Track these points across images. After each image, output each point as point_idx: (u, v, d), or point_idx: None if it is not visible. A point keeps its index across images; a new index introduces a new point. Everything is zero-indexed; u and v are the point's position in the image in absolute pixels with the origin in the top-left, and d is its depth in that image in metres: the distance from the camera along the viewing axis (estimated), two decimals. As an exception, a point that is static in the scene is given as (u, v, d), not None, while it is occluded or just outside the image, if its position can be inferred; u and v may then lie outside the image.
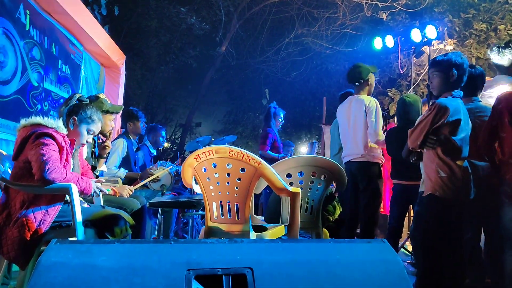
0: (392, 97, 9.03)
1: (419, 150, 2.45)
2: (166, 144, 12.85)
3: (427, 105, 3.91)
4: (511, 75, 2.81)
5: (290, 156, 5.18)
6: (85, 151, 2.93)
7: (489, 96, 2.89)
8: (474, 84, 2.62)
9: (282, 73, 12.01)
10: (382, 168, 3.60)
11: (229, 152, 2.18)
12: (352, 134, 3.55)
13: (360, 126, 3.49)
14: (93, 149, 3.20)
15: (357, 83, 3.61)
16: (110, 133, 3.17)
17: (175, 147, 13.39)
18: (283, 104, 8.60)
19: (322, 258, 1.60)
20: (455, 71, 2.38)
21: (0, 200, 2.10)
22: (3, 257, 2.03)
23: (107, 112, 3.02)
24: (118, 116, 6.15)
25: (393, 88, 9.37)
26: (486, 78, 2.89)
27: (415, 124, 2.43)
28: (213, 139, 6.19)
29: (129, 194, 2.78)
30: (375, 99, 3.55)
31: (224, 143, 5.72)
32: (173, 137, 14.37)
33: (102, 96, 3.16)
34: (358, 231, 3.73)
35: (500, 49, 2.89)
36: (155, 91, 12.39)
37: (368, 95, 3.62)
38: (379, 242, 1.71)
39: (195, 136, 13.08)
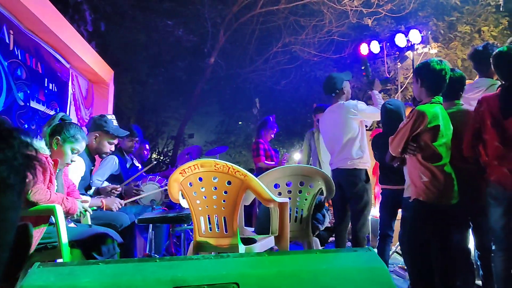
0: (381, 102, 9.09)
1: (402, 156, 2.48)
2: (154, 155, 12.80)
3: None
4: (491, 77, 2.84)
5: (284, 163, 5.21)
6: (73, 170, 2.89)
7: (473, 99, 2.92)
8: (455, 87, 2.64)
9: (272, 82, 12.05)
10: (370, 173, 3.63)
11: (215, 166, 2.18)
12: (337, 142, 3.57)
13: (345, 132, 3.51)
14: (92, 168, 3.16)
15: (333, 94, 3.68)
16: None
17: (167, 160, 13.34)
18: (275, 112, 8.63)
19: (309, 269, 1.59)
20: (434, 78, 2.41)
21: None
22: (-12, 282, 2.00)
23: (107, 133, 3.00)
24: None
25: (382, 93, 9.43)
26: (468, 81, 2.92)
27: (396, 131, 2.46)
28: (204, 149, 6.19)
29: (118, 208, 2.75)
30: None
31: (215, 154, 5.73)
32: (165, 149, 14.31)
33: (109, 116, 3.12)
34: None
35: (479, 52, 2.93)
36: (146, 105, 12.36)
37: None
38: (365, 250, 1.71)
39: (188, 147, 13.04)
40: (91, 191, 3.23)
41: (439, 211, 2.39)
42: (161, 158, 13.73)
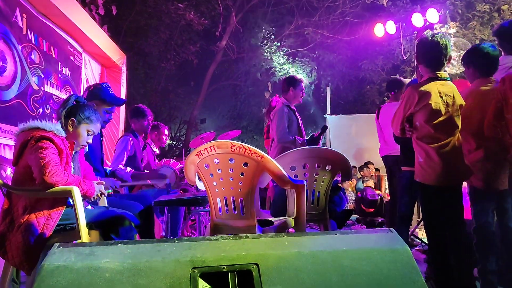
0: (396, 84, 8.93)
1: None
2: (168, 141, 12.82)
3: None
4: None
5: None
6: None
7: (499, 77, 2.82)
8: (491, 63, 2.52)
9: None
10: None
11: (231, 147, 2.15)
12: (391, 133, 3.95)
13: None
14: (101, 138, 3.10)
15: (392, 92, 4.22)
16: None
17: (180, 145, 13.38)
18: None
19: (329, 250, 1.57)
20: (430, 51, 2.33)
21: (2, 206, 2.09)
22: (9, 263, 2.03)
23: (104, 101, 2.89)
24: (123, 115, 6.15)
25: (397, 75, 9.27)
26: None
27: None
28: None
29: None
30: None
31: (228, 139, 5.70)
32: (178, 134, 14.35)
33: (105, 85, 3.01)
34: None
35: (505, 28, 2.82)
36: (158, 89, 12.36)
37: None
38: (386, 231, 1.68)
39: (200, 132, 13.05)
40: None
41: (440, 192, 2.32)
42: (174, 143, 13.77)
